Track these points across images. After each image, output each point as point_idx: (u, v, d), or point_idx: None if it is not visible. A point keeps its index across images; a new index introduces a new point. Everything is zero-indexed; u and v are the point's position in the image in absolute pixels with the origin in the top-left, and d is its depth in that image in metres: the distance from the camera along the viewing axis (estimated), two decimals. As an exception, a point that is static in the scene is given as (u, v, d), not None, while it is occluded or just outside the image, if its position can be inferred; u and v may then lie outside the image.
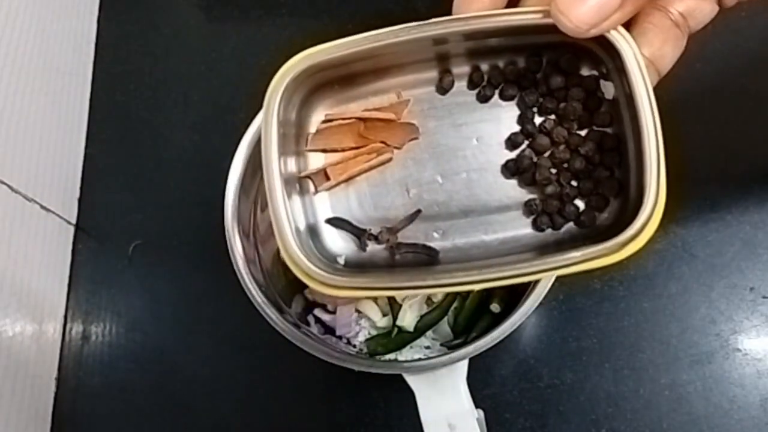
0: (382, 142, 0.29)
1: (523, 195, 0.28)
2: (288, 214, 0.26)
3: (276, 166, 0.26)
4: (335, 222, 0.29)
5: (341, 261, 0.28)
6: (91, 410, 0.47)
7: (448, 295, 0.42)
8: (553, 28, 0.24)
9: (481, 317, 0.40)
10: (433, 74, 0.29)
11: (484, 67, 0.28)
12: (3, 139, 0.45)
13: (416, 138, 0.29)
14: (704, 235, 0.44)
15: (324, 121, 0.29)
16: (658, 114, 0.23)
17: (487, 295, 0.41)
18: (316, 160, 0.29)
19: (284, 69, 0.26)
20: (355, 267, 0.28)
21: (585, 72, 0.27)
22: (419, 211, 0.29)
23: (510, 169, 0.28)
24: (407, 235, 0.29)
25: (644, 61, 0.24)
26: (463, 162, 0.28)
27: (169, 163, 0.53)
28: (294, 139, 0.28)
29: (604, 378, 0.42)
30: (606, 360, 0.43)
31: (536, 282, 0.33)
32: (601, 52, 0.26)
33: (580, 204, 0.27)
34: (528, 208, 0.28)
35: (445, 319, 0.42)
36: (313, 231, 0.28)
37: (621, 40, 0.24)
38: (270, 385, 0.46)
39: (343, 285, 0.25)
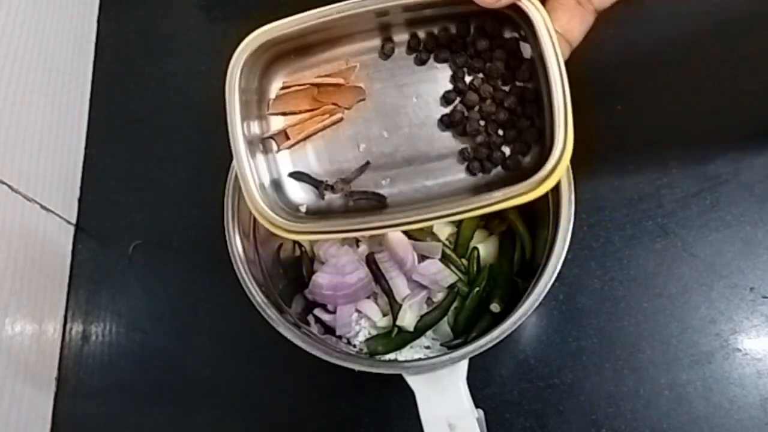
0: (334, 104, 0.32)
1: (457, 144, 0.32)
2: (252, 171, 0.30)
3: (239, 130, 0.30)
4: (296, 175, 0.33)
5: (303, 209, 0.32)
6: (91, 410, 0.48)
7: (448, 294, 0.42)
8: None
9: (481, 317, 0.40)
10: (376, 42, 0.32)
11: (421, 34, 0.32)
12: (3, 139, 0.45)
13: (363, 99, 0.33)
14: (704, 235, 0.44)
15: (282, 88, 0.33)
16: (566, 74, 0.27)
17: (487, 295, 0.41)
18: (277, 123, 0.33)
19: (243, 44, 0.30)
20: (316, 214, 0.32)
21: (507, 35, 0.31)
22: (368, 162, 0.33)
23: (445, 123, 0.32)
24: (359, 184, 0.33)
25: (555, 33, 0.27)
26: (405, 118, 0.32)
27: (169, 163, 0.53)
28: (257, 105, 0.32)
29: (604, 378, 0.42)
30: (606, 360, 0.43)
31: (536, 282, 0.33)
32: (518, 19, 0.29)
33: (506, 150, 0.31)
34: (462, 155, 0.32)
35: (445, 319, 0.42)
36: (277, 185, 0.32)
37: (532, 8, 0.28)
38: (270, 385, 0.46)
39: (304, 230, 0.30)
